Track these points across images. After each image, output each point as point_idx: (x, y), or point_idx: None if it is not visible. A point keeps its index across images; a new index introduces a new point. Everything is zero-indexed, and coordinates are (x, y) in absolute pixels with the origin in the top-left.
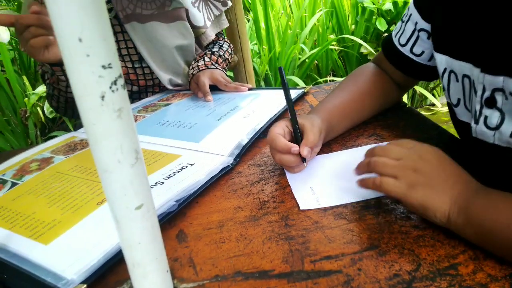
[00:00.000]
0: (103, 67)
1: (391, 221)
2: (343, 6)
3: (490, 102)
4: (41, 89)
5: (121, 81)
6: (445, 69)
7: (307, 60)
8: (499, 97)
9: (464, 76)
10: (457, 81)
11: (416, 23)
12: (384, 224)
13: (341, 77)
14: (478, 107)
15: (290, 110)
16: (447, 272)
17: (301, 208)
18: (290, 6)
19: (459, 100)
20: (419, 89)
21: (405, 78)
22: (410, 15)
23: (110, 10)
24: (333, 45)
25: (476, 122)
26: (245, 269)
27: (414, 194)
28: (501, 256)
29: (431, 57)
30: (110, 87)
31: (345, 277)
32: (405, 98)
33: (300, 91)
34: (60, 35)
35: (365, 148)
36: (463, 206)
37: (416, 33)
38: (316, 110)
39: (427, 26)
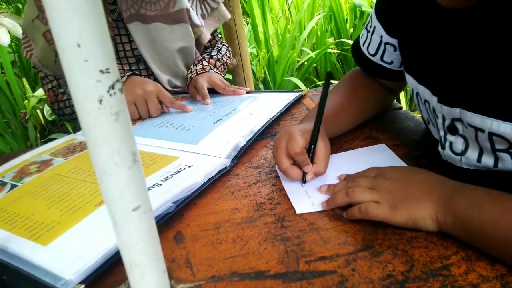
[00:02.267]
0: (101, 71)
1: (385, 223)
2: (342, 10)
3: (452, 130)
4: (41, 91)
5: (118, 85)
6: (412, 90)
7: (305, 63)
8: (459, 126)
9: (425, 101)
10: (422, 103)
11: (381, 36)
12: (378, 226)
13: (340, 79)
14: (442, 133)
15: (316, 126)
16: (439, 273)
17: (297, 212)
18: (289, 9)
19: (428, 119)
20: None
21: (384, 83)
22: (374, 27)
23: (113, 11)
24: (331, 48)
25: (443, 148)
26: (241, 270)
27: (398, 212)
28: (492, 255)
29: (402, 64)
30: (108, 91)
31: (339, 278)
32: (403, 101)
33: (297, 94)
34: (59, 41)
35: (360, 151)
36: (448, 206)
37: (382, 45)
38: (310, 118)
39: (392, 40)
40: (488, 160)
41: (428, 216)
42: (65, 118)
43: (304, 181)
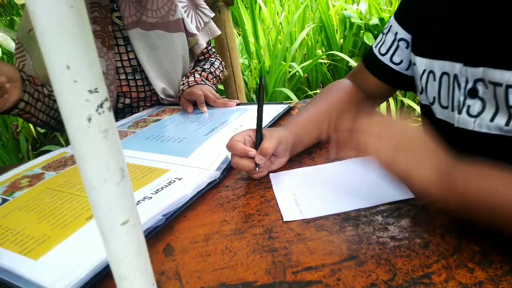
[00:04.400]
0: (90, 91)
1: (370, 232)
2: (332, 21)
3: (473, 92)
4: None
5: (107, 104)
6: (424, 70)
7: (297, 74)
8: (480, 87)
9: (443, 73)
10: (434, 80)
11: (396, 33)
12: (363, 235)
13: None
14: (462, 99)
15: (258, 119)
16: (421, 281)
17: (284, 219)
18: (280, 21)
19: (434, 98)
20: (407, 101)
21: (381, 89)
22: (391, 26)
23: (120, 18)
24: (322, 58)
25: (459, 112)
26: (230, 281)
27: (398, 159)
28: (483, 225)
29: (409, 66)
30: (97, 110)
31: (324, 287)
32: (393, 110)
33: (286, 106)
34: (49, 63)
35: (347, 162)
36: (447, 173)
37: (396, 43)
38: (285, 124)
39: (407, 36)
40: (500, 120)
41: (424, 177)
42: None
43: (257, 166)
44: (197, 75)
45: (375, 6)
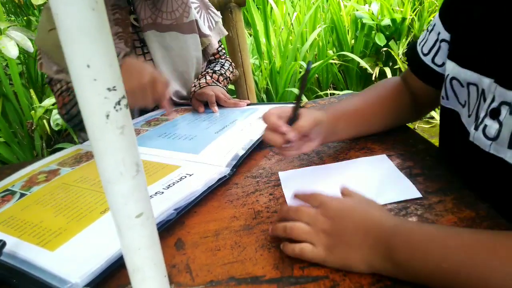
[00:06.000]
0: (108, 89)
1: None
2: (343, 22)
3: (495, 113)
4: (48, 102)
5: (124, 101)
6: (447, 75)
7: None
8: (504, 110)
9: (469, 84)
10: (462, 86)
11: (438, 33)
12: None
13: (341, 90)
14: (482, 115)
15: (298, 97)
16: None
17: None
18: (291, 21)
19: (465, 102)
20: None
21: (427, 92)
22: (434, 25)
23: (137, 20)
24: (333, 59)
25: (476, 129)
26: (238, 275)
27: (333, 258)
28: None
29: None
30: (114, 107)
31: (331, 282)
32: None
33: None
34: (70, 62)
35: (356, 161)
36: (387, 254)
37: (438, 43)
38: (325, 109)
39: (448, 36)
40: None
41: (363, 263)
42: (73, 122)
43: (288, 142)
44: (208, 77)
45: (387, 6)
